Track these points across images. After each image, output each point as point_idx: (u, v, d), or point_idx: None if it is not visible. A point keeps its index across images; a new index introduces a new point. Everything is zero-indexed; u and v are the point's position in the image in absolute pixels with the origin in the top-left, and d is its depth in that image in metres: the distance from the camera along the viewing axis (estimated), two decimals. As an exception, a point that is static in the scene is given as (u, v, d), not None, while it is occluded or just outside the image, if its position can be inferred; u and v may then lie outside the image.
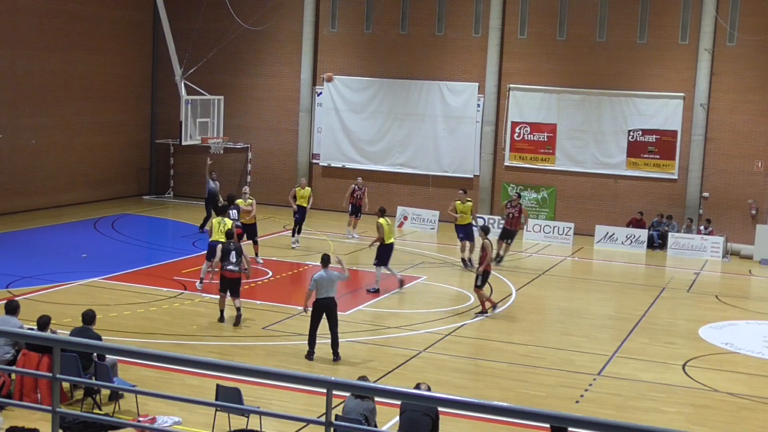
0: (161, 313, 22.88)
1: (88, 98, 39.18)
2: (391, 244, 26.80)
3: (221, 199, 31.90)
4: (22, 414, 15.47)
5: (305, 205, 31.61)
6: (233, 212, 26.65)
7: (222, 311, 22.38)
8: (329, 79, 37.79)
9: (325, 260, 20.71)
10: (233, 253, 22.29)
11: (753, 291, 30.37)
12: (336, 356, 19.97)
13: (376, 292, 25.86)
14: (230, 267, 22.19)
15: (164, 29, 36.88)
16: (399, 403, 13.82)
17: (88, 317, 17.16)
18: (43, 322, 16.88)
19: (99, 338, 17.34)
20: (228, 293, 22.24)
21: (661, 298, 27.28)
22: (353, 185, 34.58)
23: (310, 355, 20.00)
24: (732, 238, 34.90)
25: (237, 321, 22.14)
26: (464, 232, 29.95)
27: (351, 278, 23.28)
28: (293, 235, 31.81)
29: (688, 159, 35.90)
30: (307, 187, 32.24)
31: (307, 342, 20.07)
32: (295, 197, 31.80)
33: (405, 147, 39.55)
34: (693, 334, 23.42)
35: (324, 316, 19.96)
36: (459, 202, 30.23)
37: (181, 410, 16.28)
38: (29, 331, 15.70)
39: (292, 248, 31.29)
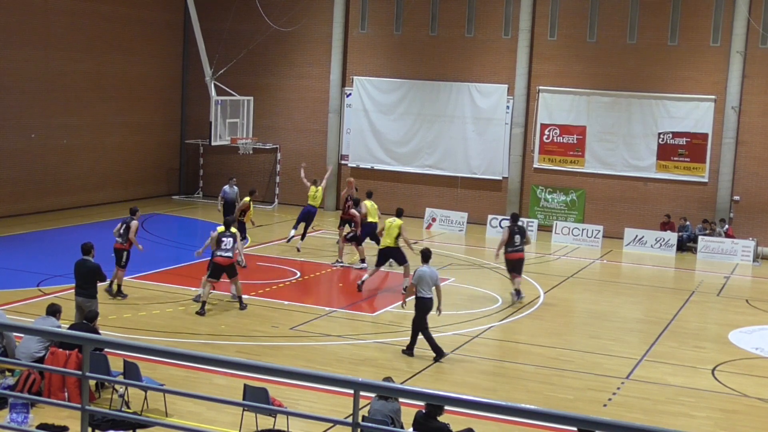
0: (190, 313, 22.95)
1: (119, 98, 39.40)
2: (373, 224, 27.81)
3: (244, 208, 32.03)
4: (52, 411, 15.57)
5: (317, 205, 31.50)
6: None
7: (204, 303, 22.68)
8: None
9: (426, 255, 20.81)
10: (230, 240, 22.75)
11: (784, 295, 30.17)
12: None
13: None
14: (221, 253, 22.65)
15: (195, 30, 37.03)
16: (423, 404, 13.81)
17: (89, 317, 17.49)
18: (53, 310, 17.11)
19: (97, 332, 17.42)
20: (220, 278, 22.97)
21: (690, 302, 27.13)
22: (347, 195, 32.35)
23: (440, 355, 20.12)
24: (763, 242, 34.66)
25: (241, 305, 23.11)
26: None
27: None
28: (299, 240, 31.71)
29: (718, 162, 35.69)
30: (321, 186, 32.02)
31: (432, 350, 20.12)
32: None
33: (434, 148, 39.52)
34: (723, 339, 23.28)
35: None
36: None
37: (209, 410, 16.33)
38: (59, 329, 15.82)
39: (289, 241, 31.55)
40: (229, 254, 22.78)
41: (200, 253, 24.43)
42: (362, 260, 28.63)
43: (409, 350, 20.33)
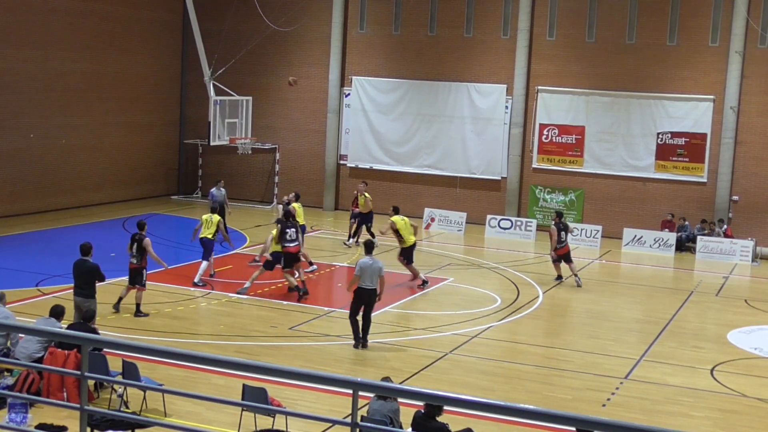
0: (188, 313, 22.97)
1: (117, 98, 39.40)
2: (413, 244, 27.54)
3: (229, 209, 32.13)
4: (51, 411, 15.56)
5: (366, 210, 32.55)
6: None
7: (299, 288, 24.46)
8: (294, 83, 37.63)
9: (369, 246, 20.96)
10: (293, 230, 24.57)
11: (782, 295, 30.18)
12: (365, 342, 20.68)
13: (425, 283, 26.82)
14: (288, 244, 24.40)
15: (193, 30, 36.99)
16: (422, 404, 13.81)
17: (88, 315, 17.62)
18: (57, 312, 17.14)
19: (96, 332, 17.44)
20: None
21: (689, 302, 27.14)
22: (355, 191, 33.99)
23: (358, 341, 20.66)
24: (762, 242, 34.66)
25: (137, 311, 22.48)
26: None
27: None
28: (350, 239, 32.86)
29: (717, 162, 35.69)
30: (365, 193, 32.65)
31: (352, 331, 20.75)
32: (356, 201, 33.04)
33: (433, 148, 39.51)
34: (721, 339, 23.29)
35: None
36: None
37: (208, 410, 16.33)
38: (57, 329, 15.81)
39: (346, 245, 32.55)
40: (297, 242, 24.40)
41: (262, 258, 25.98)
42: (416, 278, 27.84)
43: (358, 342, 20.76)
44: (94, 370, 15.54)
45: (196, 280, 25.66)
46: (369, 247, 21.35)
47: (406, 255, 27.15)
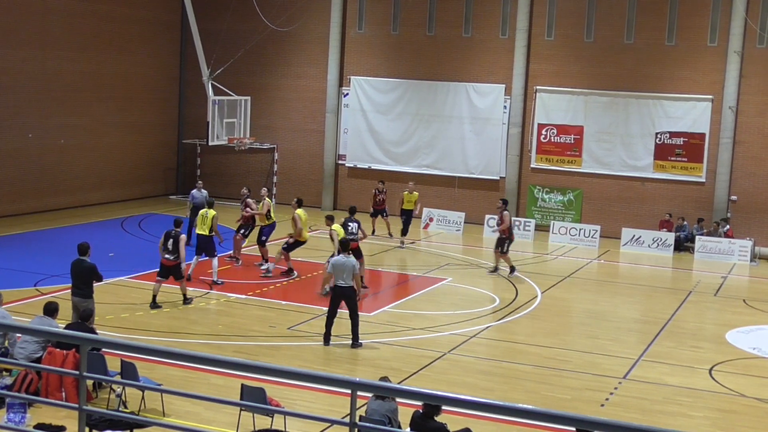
0: (187, 313, 22.96)
1: (116, 98, 39.39)
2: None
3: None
4: (49, 411, 15.56)
5: (412, 208, 33.37)
6: (351, 225, 26.17)
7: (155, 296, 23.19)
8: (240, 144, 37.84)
9: (345, 245, 21.05)
10: (355, 224, 25.06)
11: (781, 295, 30.19)
12: (357, 341, 20.73)
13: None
14: (351, 237, 24.28)
15: (192, 30, 36.98)
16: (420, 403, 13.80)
17: (86, 315, 17.55)
18: (51, 309, 17.15)
19: (94, 332, 17.43)
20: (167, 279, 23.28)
21: (687, 302, 27.14)
22: (374, 189, 34.66)
23: (327, 340, 20.74)
24: (760, 242, 34.66)
25: (185, 300, 23.46)
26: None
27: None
28: (401, 236, 33.26)
29: (716, 162, 35.70)
30: (415, 192, 33.54)
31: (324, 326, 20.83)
32: (402, 201, 33.61)
33: (431, 148, 39.52)
34: (720, 339, 23.29)
35: (342, 304, 20.70)
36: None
37: (207, 410, 16.33)
38: (57, 329, 15.80)
39: (400, 248, 32.72)
40: (355, 237, 25.05)
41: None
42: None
43: (327, 341, 20.82)
44: (92, 370, 15.54)
45: (215, 279, 25.65)
46: (345, 245, 21.33)
47: (292, 248, 27.17)
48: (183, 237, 23.55)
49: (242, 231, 29.13)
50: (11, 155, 34.96)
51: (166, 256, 23.33)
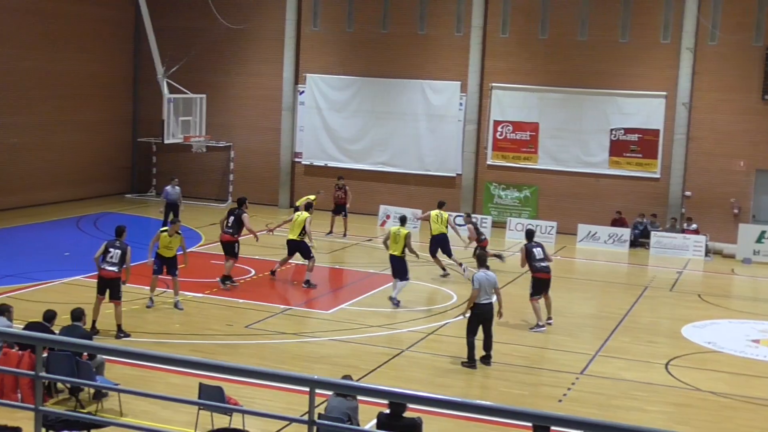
0: (143, 312, 22.81)
1: (68, 97, 39.06)
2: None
3: (182, 206, 31.93)
4: (5, 412, 15.39)
5: (444, 231, 29.47)
6: (230, 218, 25.67)
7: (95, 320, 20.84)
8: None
9: (482, 259, 20.56)
10: (117, 252, 20.83)
11: (735, 290, 30.47)
12: (489, 358, 20.00)
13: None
14: (107, 267, 20.85)
15: (146, 27, 36.79)
16: (386, 402, 13.78)
17: (76, 314, 17.50)
18: (49, 316, 17.36)
19: (89, 335, 17.39)
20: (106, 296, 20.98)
21: (643, 297, 27.34)
22: (334, 185, 34.75)
23: (472, 364, 19.82)
24: (714, 237, 34.97)
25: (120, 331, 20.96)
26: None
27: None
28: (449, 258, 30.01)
29: (670, 158, 35.98)
30: (444, 213, 30.00)
31: (467, 352, 19.92)
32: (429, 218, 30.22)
33: (387, 146, 39.55)
34: (675, 333, 23.49)
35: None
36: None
37: (164, 409, 16.24)
38: (11, 329, 15.66)
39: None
40: (115, 268, 21.09)
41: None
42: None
43: (472, 363, 19.96)
44: (59, 370, 15.46)
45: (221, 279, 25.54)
46: (482, 259, 20.72)
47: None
48: (246, 216, 25.26)
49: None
50: (-37, 154, 34.61)
51: (228, 230, 24.99)
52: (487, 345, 20.05)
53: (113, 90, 41.92)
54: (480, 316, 19.88)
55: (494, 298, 20.13)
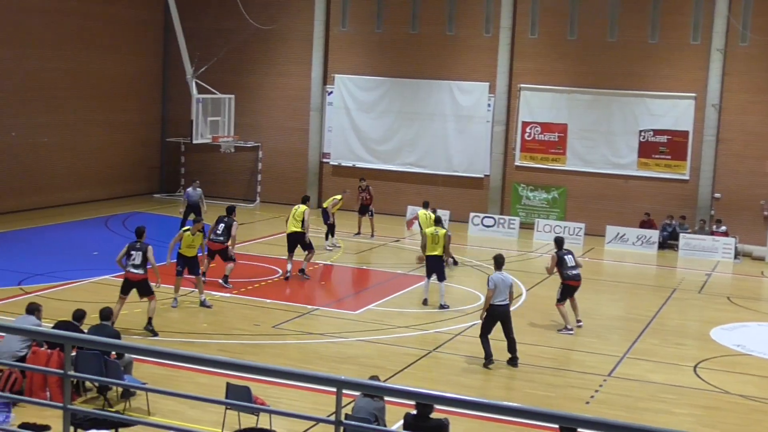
0: (170, 311, 22.89)
1: (98, 97, 39.26)
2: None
3: (205, 207, 31.81)
4: (34, 411, 15.49)
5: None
6: (220, 225, 25.42)
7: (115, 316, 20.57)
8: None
9: (500, 261, 20.55)
10: (139, 253, 20.91)
11: (765, 292, 30.27)
12: (515, 360, 19.93)
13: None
14: (132, 269, 20.98)
15: (175, 28, 36.95)
16: (413, 403, 13.77)
17: (105, 314, 17.62)
18: (78, 316, 17.39)
19: (117, 334, 17.48)
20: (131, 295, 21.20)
21: (672, 299, 27.21)
22: (357, 186, 34.78)
23: (490, 361, 19.80)
24: (744, 240, 34.76)
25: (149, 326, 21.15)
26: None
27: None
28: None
29: (699, 159, 35.79)
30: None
31: (483, 351, 19.88)
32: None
33: (415, 146, 39.54)
34: (704, 336, 23.35)
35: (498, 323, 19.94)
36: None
37: (192, 408, 16.29)
38: (41, 328, 15.75)
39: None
40: (141, 271, 21.27)
41: None
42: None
43: (489, 361, 19.91)
44: (88, 368, 15.54)
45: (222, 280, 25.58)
46: (499, 261, 20.57)
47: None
48: (236, 224, 25.05)
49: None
50: (-6, 154, 34.86)
51: (218, 238, 24.73)
52: (511, 347, 19.99)
53: (142, 90, 42.13)
54: (495, 318, 19.91)
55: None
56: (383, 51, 39.84)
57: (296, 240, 26.88)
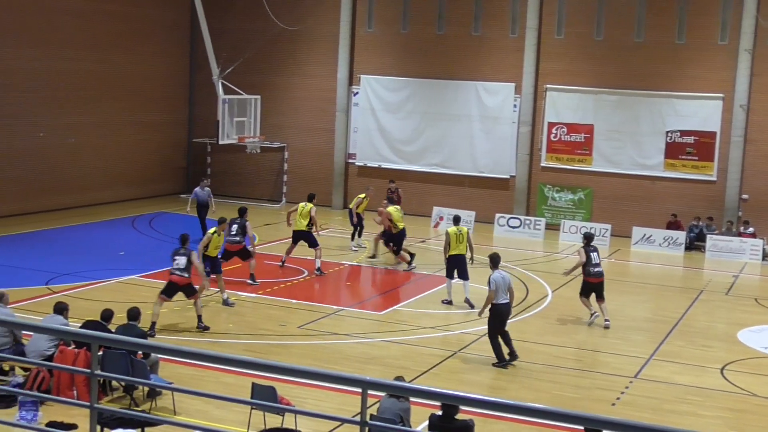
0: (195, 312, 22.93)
1: (126, 97, 39.44)
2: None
3: (213, 206, 31.81)
4: (61, 409, 15.59)
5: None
6: (234, 227, 25.59)
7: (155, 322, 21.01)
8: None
9: (495, 260, 20.62)
10: (183, 258, 21.27)
11: (792, 294, 30.09)
12: (514, 354, 20.02)
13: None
14: (177, 273, 21.27)
15: (202, 29, 37.06)
16: (438, 404, 13.77)
17: (133, 314, 17.74)
18: (106, 316, 17.54)
19: (144, 335, 17.56)
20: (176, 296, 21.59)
21: (698, 301, 27.07)
22: (387, 188, 34.88)
23: (503, 363, 19.87)
24: (771, 241, 34.55)
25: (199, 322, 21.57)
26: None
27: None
28: None
29: (726, 160, 35.60)
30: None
31: (494, 353, 19.95)
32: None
33: (440, 147, 39.50)
34: (731, 338, 23.23)
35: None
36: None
37: (217, 408, 16.34)
38: (68, 327, 15.84)
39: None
40: (186, 274, 21.51)
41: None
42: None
43: (501, 362, 19.99)
44: (114, 368, 15.62)
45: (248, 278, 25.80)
46: (496, 260, 20.79)
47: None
48: (249, 224, 25.37)
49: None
50: (22, 154, 35.05)
51: (236, 239, 25.07)
52: (506, 341, 20.10)
53: (169, 91, 42.29)
54: (498, 317, 20.01)
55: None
56: (409, 52, 39.83)
57: (301, 237, 27.78)
